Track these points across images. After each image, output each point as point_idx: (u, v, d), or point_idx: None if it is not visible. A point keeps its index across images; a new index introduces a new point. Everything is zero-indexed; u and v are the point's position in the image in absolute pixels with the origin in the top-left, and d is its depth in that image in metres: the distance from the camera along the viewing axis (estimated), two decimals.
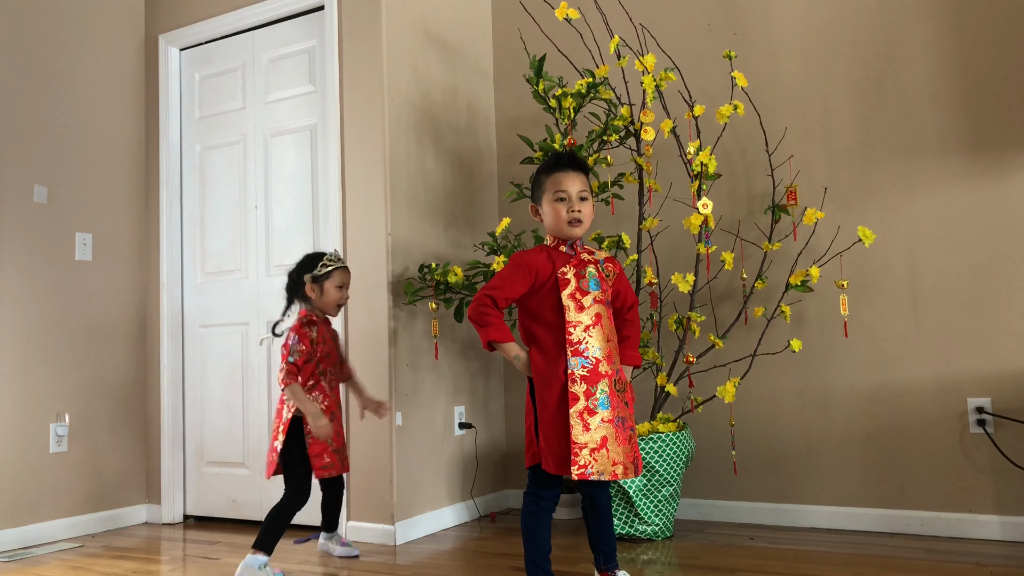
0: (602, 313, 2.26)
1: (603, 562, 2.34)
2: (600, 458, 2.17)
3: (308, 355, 2.74)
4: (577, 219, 2.26)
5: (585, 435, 2.17)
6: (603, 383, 2.21)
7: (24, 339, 3.36)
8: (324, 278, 2.81)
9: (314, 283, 2.81)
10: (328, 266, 2.83)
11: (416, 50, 3.48)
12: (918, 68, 3.10)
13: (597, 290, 2.27)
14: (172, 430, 3.74)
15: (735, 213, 3.35)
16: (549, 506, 2.27)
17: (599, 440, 2.18)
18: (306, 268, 2.83)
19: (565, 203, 2.26)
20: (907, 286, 3.06)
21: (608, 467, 2.18)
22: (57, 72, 3.57)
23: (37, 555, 3.15)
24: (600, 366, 2.22)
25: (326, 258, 2.85)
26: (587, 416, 2.18)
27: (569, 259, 2.29)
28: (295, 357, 2.70)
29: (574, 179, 2.27)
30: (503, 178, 3.89)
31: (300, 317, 2.82)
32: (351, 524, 3.20)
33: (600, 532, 2.33)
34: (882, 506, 3.05)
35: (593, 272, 2.29)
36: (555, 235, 2.32)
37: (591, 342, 2.22)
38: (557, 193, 2.26)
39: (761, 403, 3.27)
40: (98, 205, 3.69)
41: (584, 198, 2.27)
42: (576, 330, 2.22)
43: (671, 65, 3.32)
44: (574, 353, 2.21)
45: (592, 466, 2.16)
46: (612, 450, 2.19)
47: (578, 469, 2.15)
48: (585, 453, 2.16)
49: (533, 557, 2.25)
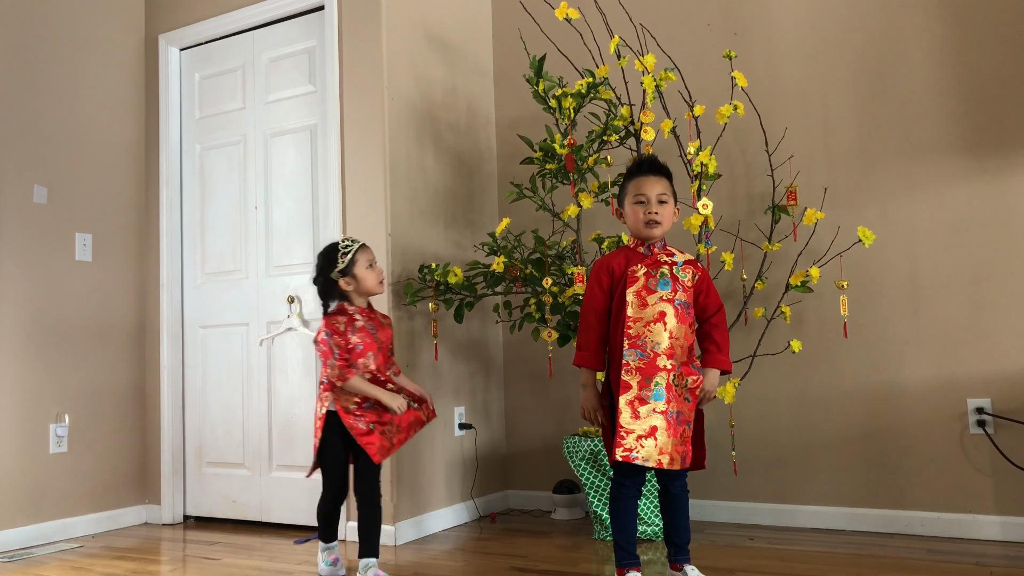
0: (668, 312, 2.32)
1: (674, 554, 2.41)
2: (647, 445, 2.24)
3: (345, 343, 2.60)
4: (655, 221, 2.36)
5: (634, 422, 2.26)
6: (660, 376, 2.28)
7: (24, 339, 3.36)
8: (351, 266, 2.66)
9: (344, 276, 2.67)
10: (348, 251, 2.68)
11: (416, 50, 3.48)
12: (918, 68, 3.09)
13: (666, 289, 2.35)
14: (172, 430, 3.74)
15: (735, 213, 3.35)
16: (632, 493, 2.35)
17: (648, 428, 2.25)
18: (328, 266, 2.68)
19: (644, 206, 2.37)
20: (907, 286, 3.06)
21: (654, 455, 2.25)
22: (57, 72, 3.57)
23: (37, 555, 3.15)
24: (659, 360, 2.29)
25: (341, 247, 2.70)
26: (638, 404, 2.27)
27: (644, 259, 2.39)
28: (338, 352, 2.58)
29: (654, 183, 2.39)
30: (503, 178, 3.89)
31: (331, 308, 2.70)
32: (351, 525, 3.20)
33: (672, 523, 2.40)
34: (882, 506, 3.05)
35: (666, 272, 2.36)
36: (635, 236, 2.43)
37: (650, 337, 2.30)
38: (637, 196, 2.38)
39: (761, 404, 3.27)
40: (98, 205, 3.69)
41: (663, 201, 2.38)
42: (636, 325, 2.32)
43: (671, 65, 3.31)
44: (631, 345, 2.30)
45: (638, 451, 2.24)
46: (660, 439, 2.26)
47: (622, 451, 2.24)
48: (631, 438, 2.25)
49: (619, 541, 2.35)
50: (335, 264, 2.66)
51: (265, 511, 3.53)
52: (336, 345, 2.58)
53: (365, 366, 2.63)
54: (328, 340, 2.59)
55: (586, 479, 3.08)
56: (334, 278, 2.66)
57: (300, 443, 3.44)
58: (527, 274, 3.09)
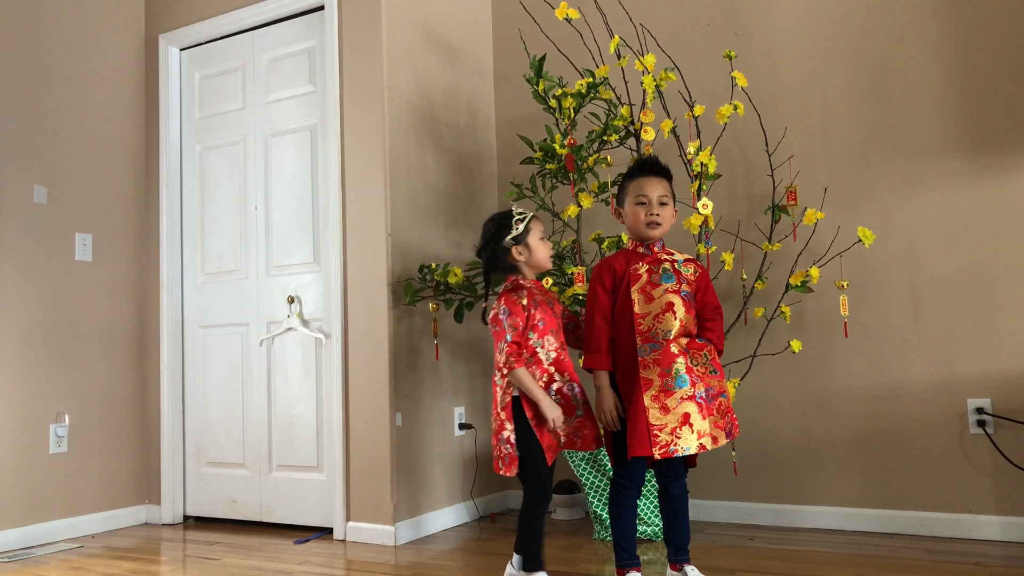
0: (675, 302, 2.34)
1: (674, 554, 2.41)
2: (684, 434, 2.25)
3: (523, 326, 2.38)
4: (656, 222, 2.38)
5: (664, 416, 2.26)
6: (678, 362, 2.28)
7: (24, 339, 3.36)
8: (526, 234, 2.45)
9: (518, 244, 2.45)
10: (523, 218, 2.46)
11: (416, 50, 3.48)
12: (918, 68, 3.09)
13: (671, 282, 2.37)
14: (172, 430, 3.74)
15: (735, 213, 3.35)
16: (631, 493, 2.36)
17: (680, 417, 2.25)
18: (499, 235, 2.46)
19: (645, 207, 2.39)
20: (907, 286, 3.06)
21: (694, 442, 2.25)
22: (57, 72, 3.57)
23: (37, 555, 3.15)
24: (672, 346, 2.30)
25: (515, 213, 2.48)
26: (664, 397, 2.26)
27: (644, 257, 2.41)
28: (511, 334, 2.35)
29: (656, 184, 2.41)
30: (503, 178, 3.89)
31: (506, 284, 2.49)
32: (351, 524, 3.20)
33: (672, 524, 2.40)
34: (882, 506, 3.05)
35: (668, 268, 2.39)
36: (634, 236, 2.46)
37: (661, 327, 2.32)
38: (639, 197, 2.40)
39: (761, 404, 3.27)
40: (98, 205, 3.69)
41: (664, 203, 2.40)
42: (645, 320, 2.34)
43: (671, 65, 3.31)
44: (643, 341, 2.32)
45: (675, 443, 2.24)
46: (697, 424, 2.26)
47: (660, 449, 2.24)
48: (665, 433, 2.24)
49: (619, 541, 2.36)
50: (508, 230, 2.45)
51: (265, 511, 3.54)
52: (512, 327, 2.36)
53: (550, 344, 2.42)
54: (504, 320, 2.37)
55: (586, 479, 3.08)
56: (506, 246, 2.45)
57: (300, 443, 3.44)
58: None
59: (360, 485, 3.19)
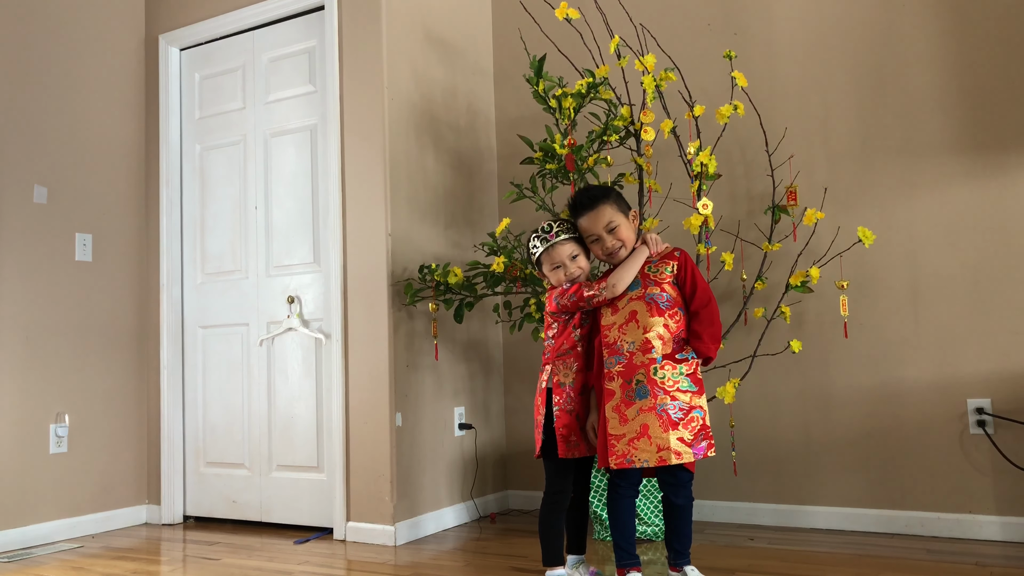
0: (639, 309, 2.33)
1: (673, 558, 2.42)
2: (642, 446, 2.24)
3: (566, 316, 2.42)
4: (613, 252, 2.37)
5: (622, 426, 2.27)
6: (640, 373, 2.28)
7: (24, 339, 3.36)
8: (539, 265, 2.49)
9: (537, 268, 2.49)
10: (535, 251, 2.47)
11: (416, 50, 3.48)
12: (918, 68, 3.09)
13: (635, 289, 2.35)
14: (172, 431, 3.74)
15: (735, 213, 3.35)
16: (628, 493, 2.36)
17: (638, 429, 2.25)
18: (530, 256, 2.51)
19: (599, 243, 2.38)
20: (907, 286, 3.06)
21: (652, 454, 2.24)
22: (57, 72, 3.57)
23: (37, 555, 3.15)
24: (635, 358, 2.30)
25: (533, 236, 2.47)
26: (624, 408, 2.28)
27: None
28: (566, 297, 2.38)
29: (596, 217, 2.36)
30: (503, 178, 3.89)
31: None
32: (351, 524, 3.20)
33: (674, 531, 2.41)
34: (882, 507, 3.05)
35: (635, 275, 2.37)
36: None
37: (624, 339, 2.32)
38: (589, 237, 2.40)
39: (761, 404, 3.27)
40: (98, 205, 3.69)
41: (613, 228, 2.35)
42: (611, 331, 2.35)
43: (671, 65, 3.31)
44: (610, 353, 2.34)
45: (631, 455, 2.24)
46: (657, 437, 2.24)
47: (615, 459, 2.26)
48: (622, 444, 2.26)
49: (618, 541, 2.35)
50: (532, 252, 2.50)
51: (265, 511, 3.54)
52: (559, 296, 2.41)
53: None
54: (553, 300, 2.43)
55: None
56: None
57: (300, 443, 3.44)
58: (527, 274, 3.09)
59: (360, 485, 3.19)
